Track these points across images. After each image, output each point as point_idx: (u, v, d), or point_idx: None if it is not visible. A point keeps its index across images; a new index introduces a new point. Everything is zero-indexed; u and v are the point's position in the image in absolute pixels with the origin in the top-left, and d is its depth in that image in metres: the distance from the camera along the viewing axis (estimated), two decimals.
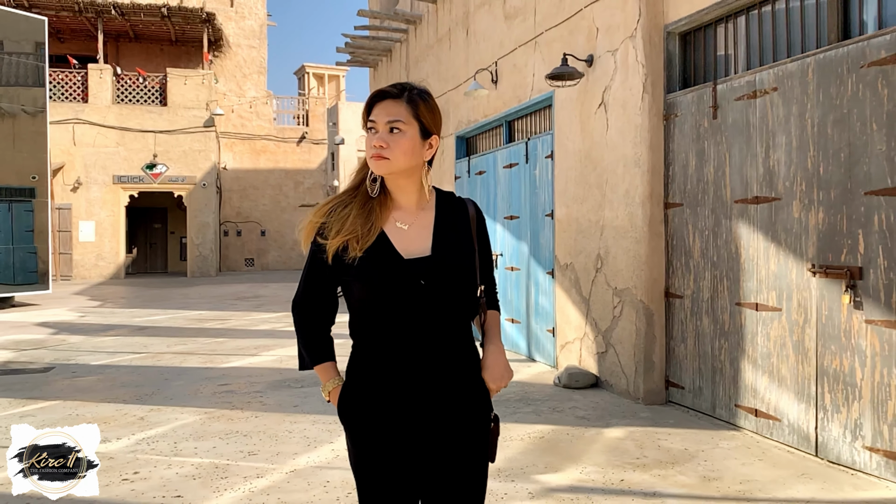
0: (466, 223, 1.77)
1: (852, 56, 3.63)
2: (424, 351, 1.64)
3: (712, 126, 4.63)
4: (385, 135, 1.64)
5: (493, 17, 7.78)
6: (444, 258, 1.67)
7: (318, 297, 1.76)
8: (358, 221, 1.65)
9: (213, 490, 3.59)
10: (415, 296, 1.62)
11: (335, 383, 1.74)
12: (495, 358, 1.77)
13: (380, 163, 1.64)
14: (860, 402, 3.61)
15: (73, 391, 5.98)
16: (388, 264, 1.63)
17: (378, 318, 1.65)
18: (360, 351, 1.69)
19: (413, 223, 1.71)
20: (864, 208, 3.57)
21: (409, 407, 1.64)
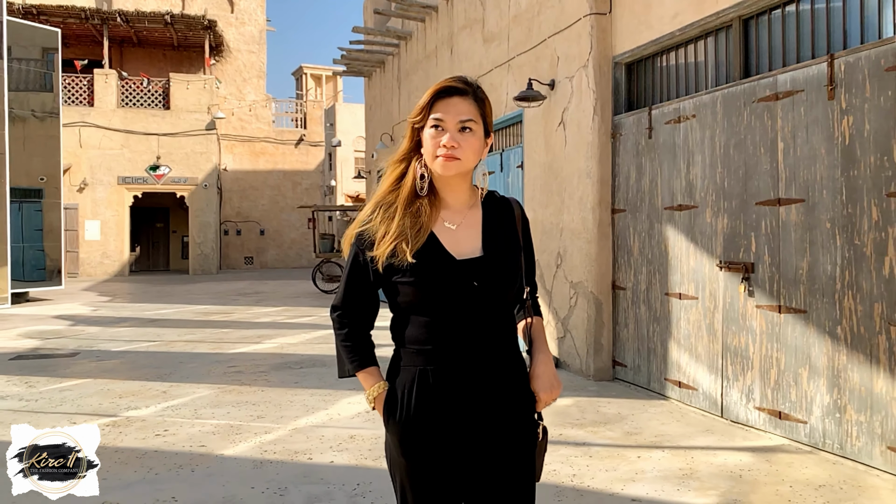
0: (513, 222, 1.72)
1: (747, 92, 4.50)
2: (475, 354, 1.59)
3: (648, 145, 5.50)
4: (456, 134, 1.58)
5: (474, 40, 8.64)
6: (496, 259, 1.62)
7: (360, 302, 1.70)
8: (406, 222, 1.59)
9: (231, 442, 4.45)
10: (467, 298, 1.58)
11: (380, 389, 1.66)
12: (546, 367, 1.69)
13: (451, 163, 1.58)
14: (752, 372, 4.48)
15: (100, 371, 6.83)
16: (440, 266, 1.58)
17: (428, 322, 1.59)
18: (406, 355, 1.63)
19: (461, 223, 1.65)
20: (755, 216, 4.44)
21: (458, 413, 1.59)
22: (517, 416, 1.64)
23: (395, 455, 1.63)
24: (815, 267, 4.03)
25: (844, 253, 3.85)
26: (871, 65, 3.67)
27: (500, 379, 1.62)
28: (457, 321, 1.58)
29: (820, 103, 3.99)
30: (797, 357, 4.15)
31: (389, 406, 1.63)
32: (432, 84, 7.39)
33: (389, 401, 1.64)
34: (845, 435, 3.88)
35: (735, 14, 4.69)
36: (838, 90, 3.87)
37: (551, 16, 6.63)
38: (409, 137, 1.66)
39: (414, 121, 1.63)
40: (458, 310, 1.58)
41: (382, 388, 1.67)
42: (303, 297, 14.79)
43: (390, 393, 1.65)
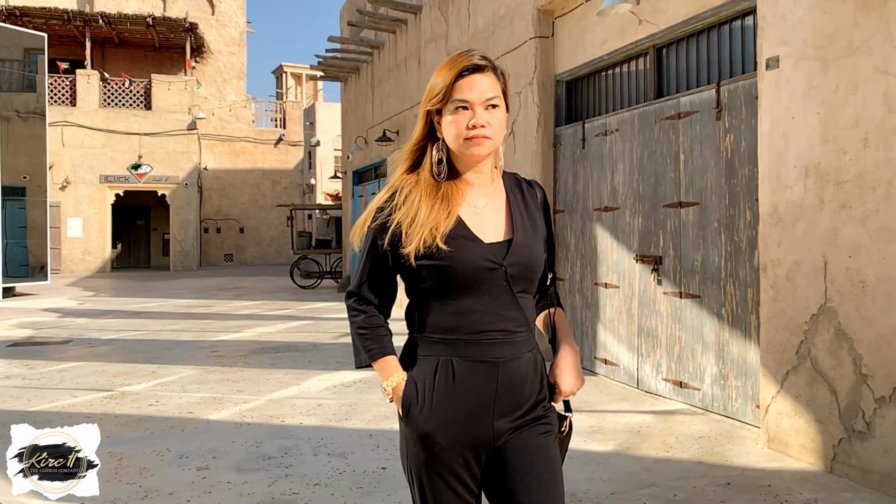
0: (537, 205, 1.67)
1: (658, 111, 5.30)
2: (500, 341, 1.52)
3: (582, 154, 6.28)
4: (484, 112, 1.51)
5: (439, 53, 9.39)
6: (525, 242, 1.56)
7: (378, 288, 1.63)
8: (435, 209, 1.52)
9: (215, 409, 5.17)
10: (495, 283, 1.51)
11: (399, 378, 1.57)
12: (571, 360, 1.65)
13: (485, 143, 1.52)
14: (660, 349, 5.28)
15: (93, 356, 7.50)
16: (470, 250, 1.50)
17: (451, 309, 1.52)
18: (425, 344, 1.56)
19: (485, 205, 1.59)
20: (662, 216, 5.24)
21: (482, 406, 1.52)
22: (543, 409, 1.59)
23: (414, 450, 1.54)
24: (706, 259, 4.84)
25: (727, 247, 4.66)
26: (745, 92, 4.48)
27: (527, 368, 1.55)
28: (483, 308, 1.51)
29: (710, 123, 4.79)
30: (694, 335, 4.96)
31: (408, 398, 1.55)
32: (403, 92, 8.47)
33: (408, 392, 1.55)
34: (727, 398, 4.69)
35: (650, 43, 5.48)
36: (723, 112, 4.68)
37: (503, 36, 7.40)
38: (423, 122, 1.59)
39: (432, 105, 1.54)
40: (485, 295, 1.51)
41: (402, 379, 1.57)
42: (281, 292, 15.46)
43: (409, 384, 1.56)
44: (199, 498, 3.45)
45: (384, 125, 11.82)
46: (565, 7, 6.55)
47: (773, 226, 4.01)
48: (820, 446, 3.75)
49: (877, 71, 3.41)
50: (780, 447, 4.00)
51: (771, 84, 4.03)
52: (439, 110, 1.55)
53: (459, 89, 1.51)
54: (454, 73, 1.51)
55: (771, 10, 4.03)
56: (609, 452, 4.11)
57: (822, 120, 3.70)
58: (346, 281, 15.33)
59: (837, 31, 3.61)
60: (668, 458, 3.98)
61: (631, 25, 5.61)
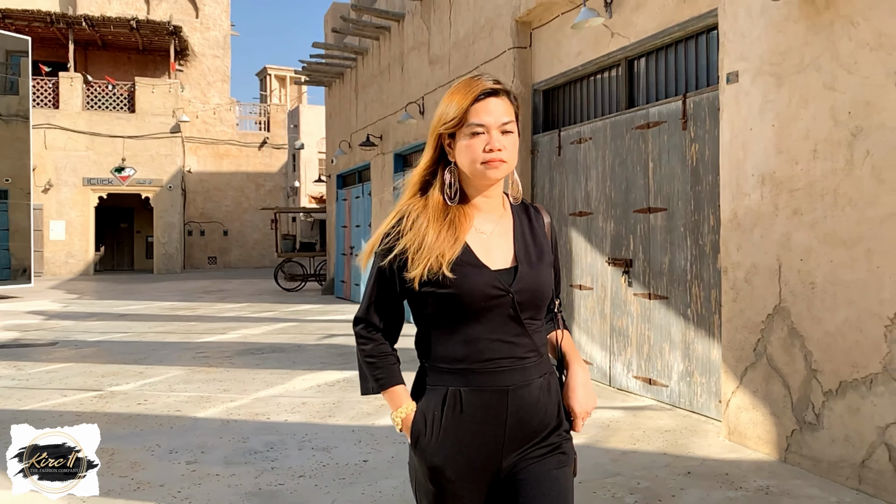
0: (543, 231, 1.65)
1: (629, 121, 5.55)
2: (510, 369, 1.51)
3: (558, 160, 6.52)
4: (501, 137, 1.50)
5: (421, 61, 9.61)
6: (531, 269, 1.55)
7: (385, 314, 1.62)
8: (442, 234, 1.50)
9: (202, 408, 5.34)
10: (504, 310, 1.50)
11: (408, 409, 1.57)
12: (581, 379, 1.63)
13: (501, 167, 1.51)
14: (630, 347, 5.52)
15: (80, 357, 7.62)
16: (476, 277, 1.49)
17: (459, 337, 1.51)
18: (434, 373, 1.54)
19: (493, 231, 1.57)
20: (633, 221, 5.48)
21: (491, 438, 1.51)
22: (554, 437, 1.55)
23: (423, 481, 1.54)
24: (673, 262, 5.08)
25: (693, 251, 4.91)
26: (709, 104, 4.73)
27: (536, 398, 1.53)
28: (490, 335, 1.49)
29: (677, 132, 5.04)
30: (662, 334, 5.20)
31: (417, 430, 1.54)
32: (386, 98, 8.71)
33: (417, 423, 1.54)
34: (693, 394, 4.93)
35: (622, 55, 5.73)
36: (689, 123, 4.93)
37: (483, 46, 7.63)
38: (432, 147, 1.57)
39: (446, 129, 1.52)
40: (492, 323, 1.49)
41: (410, 410, 1.57)
42: (265, 295, 15.59)
43: (418, 416, 1.55)
44: (189, 489, 3.63)
45: (368, 130, 12.02)
46: (542, 19, 6.79)
47: (733, 231, 4.26)
48: (775, 437, 4.00)
49: (825, 87, 3.67)
50: (739, 439, 4.25)
51: (731, 97, 4.29)
52: (452, 134, 1.53)
53: (475, 113, 1.50)
54: (470, 97, 1.50)
55: (731, 27, 4.29)
56: (579, 445, 4.33)
57: (777, 132, 3.96)
58: (329, 283, 15.48)
59: (790, 49, 3.87)
60: (634, 450, 4.21)
61: (604, 38, 5.85)
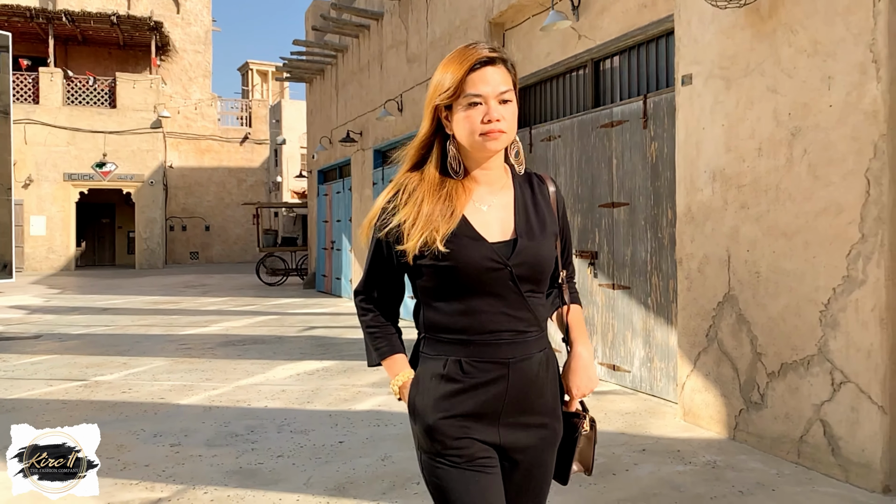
0: (548, 202, 1.61)
1: (594, 119, 5.81)
2: (510, 342, 1.49)
3: (530, 157, 6.77)
4: (498, 107, 1.46)
5: (399, 59, 9.82)
6: (530, 241, 1.51)
7: (384, 287, 1.62)
8: (437, 208, 1.48)
9: (185, 396, 5.54)
10: (500, 283, 1.47)
11: (406, 376, 1.59)
12: (584, 361, 1.63)
13: (501, 138, 1.46)
14: (596, 335, 5.80)
15: (64, 349, 7.78)
16: (472, 250, 1.46)
17: (457, 309, 1.49)
18: (432, 344, 1.54)
19: (493, 203, 1.54)
20: (598, 215, 5.75)
21: (489, 405, 1.50)
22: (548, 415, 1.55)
23: (424, 442, 1.53)
24: (635, 254, 5.35)
25: (652, 243, 5.18)
26: (668, 104, 5.00)
27: (537, 370, 1.52)
28: (490, 308, 1.47)
29: (638, 131, 5.31)
30: (624, 322, 5.48)
31: (413, 395, 1.54)
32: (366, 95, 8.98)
33: (413, 388, 1.55)
34: (653, 379, 5.21)
35: (588, 57, 5.98)
36: (649, 122, 5.20)
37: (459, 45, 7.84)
38: (430, 119, 1.53)
39: (441, 100, 1.48)
40: (492, 295, 1.47)
41: (408, 377, 1.58)
42: (247, 289, 15.74)
43: (416, 382, 1.55)
44: (173, 468, 3.84)
45: (348, 126, 12.21)
46: (514, 20, 7.03)
47: (688, 224, 4.54)
48: (724, 417, 4.28)
49: (768, 90, 3.94)
50: (693, 420, 4.53)
51: (686, 98, 4.55)
52: (448, 106, 1.49)
53: (472, 83, 1.45)
54: (466, 66, 1.45)
55: (686, 33, 4.55)
56: None
57: (726, 131, 4.23)
58: (311, 278, 15.66)
59: (738, 54, 4.14)
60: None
61: (571, 40, 6.11)
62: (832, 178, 3.55)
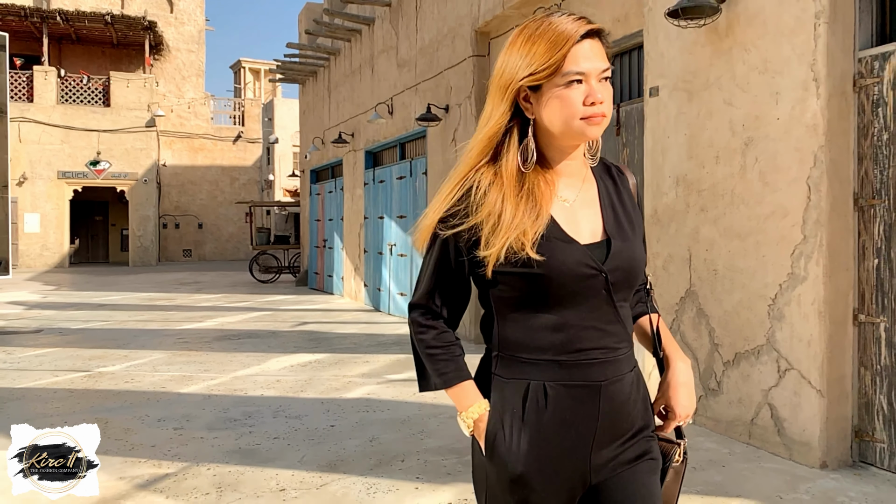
0: (631, 196, 1.44)
1: None
2: (602, 360, 1.30)
3: None
4: (598, 86, 1.26)
5: (390, 63, 10.16)
6: (623, 242, 1.34)
7: (450, 301, 1.39)
8: (521, 208, 1.27)
9: (185, 385, 5.87)
10: (595, 291, 1.29)
11: (482, 408, 1.35)
12: (686, 377, 1.43)
13: (603, 123, 1.28)
14: None
15: (66, 343, 8.08)
16: (565, 255, 1.27)
17: (542, 323, 1.29)
18: (509, 364, 1.33)
19: (576, 199, 1.35)
20: None
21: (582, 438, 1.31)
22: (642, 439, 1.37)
23: (501, 494, 1.34)
24: None
25: None
26: (638, 113, 5.36)
27: (628, 395, 1.34)
28: (580, 321, 1.29)
29: (612, 138, 5.67)
30: None
31: (493, 432, 1.33)
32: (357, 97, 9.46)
33: (493, 425, 1.33)
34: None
35: None
36: (622, 129, 5.56)
37: (446, 53, 8.21)
38: (507, 103, 1.30)
39: (535, 79, 1.26)
40: (582, 307, 1.29)
41: (484, 410, 1.35)
42: (240, 286, 16.05)
43: (493, 416, 1.34)
44: (177, 448, 4.18)
45: (340, 128, 12.53)
46: (499, 30, 7.39)
47: (654, 225, 4.90)
48: None
49: (725, 103, 4.30)
50: None
51: (653, 109, 4.92)
52: (535, 87, 1.28)
53: (573, 59, 1.24)
54: (569, 40, 1.24)
55: (653, 48, 4.91)
56: None
57: (688, 140, 4.59)
58: (303, 275, 15.97)
59: (699, 70, 4.50)
60: None
61: None
62: (779, 185, 3.92)
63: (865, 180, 3.69)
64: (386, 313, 10.50)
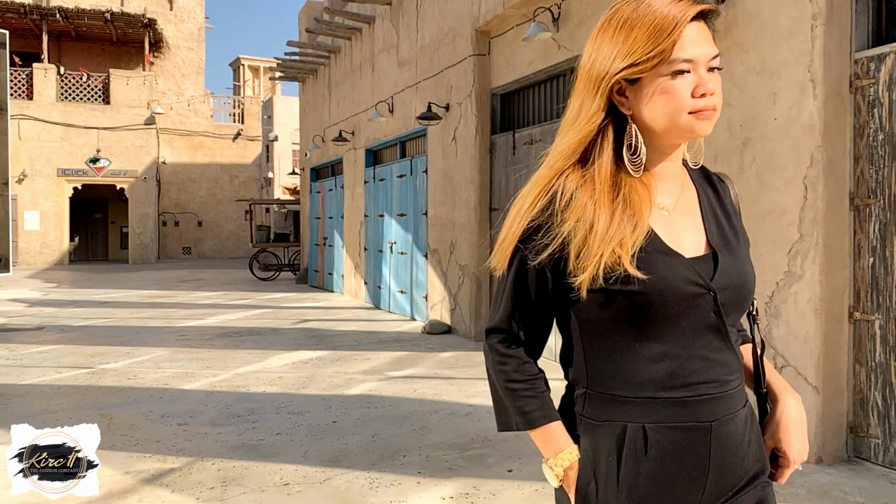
0: (734, 207, 1.27)
1: None
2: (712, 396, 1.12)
3: (513, 159, 7.18)
4: (707, 76, 1.09)
5: (390, 62, 10.20)
6: (732, 257, 1.16)
7: (531, 325, 1.20)
8: (617, 217, 1.10)
9: (188, 382, 5.92)
10: (703, 314, 1.11)
11: (574, 455, 1.16)
12: (800, 417, 1.23)
13: (713, 118, 1.11)
14: None
15: (68, 340, 8.13)
16: (669, 271, 1.10)
17: (640, 353, 1.11)
18: (600, 403, 1.14)
19: (675, 207, 1.18)
20: None
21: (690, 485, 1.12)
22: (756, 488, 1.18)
23: None
24: None
25: None
26: None
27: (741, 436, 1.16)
28: (681, 351, 1.11)
29: None
30: None
31: (586, 484, 1.15)
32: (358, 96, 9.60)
33: (585, 475, 1.16)
34: None
35: (567, 66, 6.39)
36: None
37: (447, 52, 8.25)
38: (600, 96, 1.13)
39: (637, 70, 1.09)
40: (687, 332, 1.11)
41: (574, 457, 1.17)
42: (240, 284, 16.09)
43: (584, 464, 1.16)
44: (181, 444, 4.23)
45: (340, 126, 12.57)
46: (500, 29, 7.43)
47: None
48: None
49: (723, 103, 4.35)
50: None
51: None
52: (634, 79, 1.11)
53: (680, 45, 1.08)
54: (676, 25, 1.07)
55: None
56: None
57: None
58: (303, 273, 16.01)
59: None
60: None
61: (552, 49, 6.51)
62: (776, 184, 3.97)
63: (861, 180, 3.75)
64: (386, 311, 10.55)
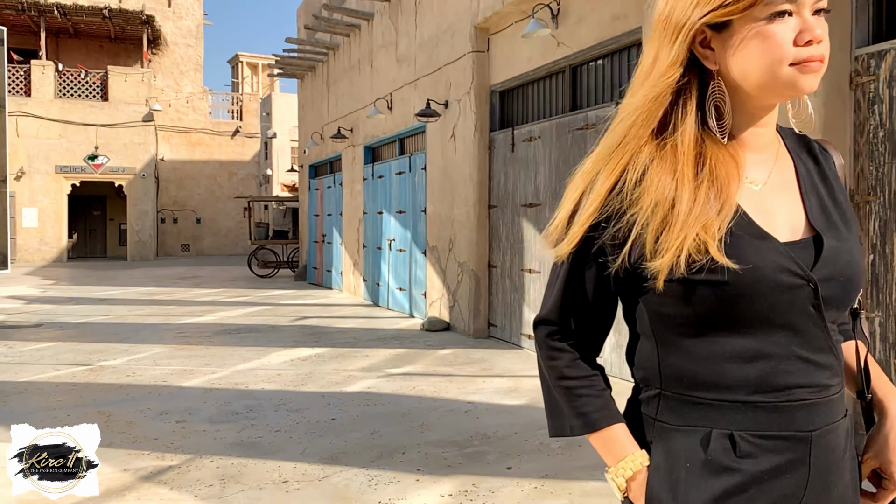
0: (839, 181, 1.06)
1: (571, 122, 6.20)
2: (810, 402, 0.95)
3: (512, 156, 7.17)
4: (816, 21, 0.92)
5: (389, 59, 10.18)
6: (837, 242, 0.97)
7: (588, 318, 1.06)
8: (701, 196, 0.93)
9: (186, 379, 5.91)
10: (800, 308, 0.93)
11: (639, 462, 1.01)
12: None
13: (821, 70, 0.93)
14: None
15: (67, 337, 8.12)
16: (760, 257, 0.92)
17: (730, 350, 0.94)
18: (676, 407, 0.98)
19: (767, 182, 0.99)
20: None
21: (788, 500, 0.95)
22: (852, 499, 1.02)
23: None
24: None
25: None
26: None
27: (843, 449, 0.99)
28: (775, 350, 0.94)
29: None
30: None
31: (656, 497, 0.99)
32: (357, 92, 9.60)
33: (655, 489, 0.99)
34: (622, 363, 5.63)
35: (566, 63, 6.38)
36: None
37: (445, 49, 8.23)
38: (679, 47, 0.94)
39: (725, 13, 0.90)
40: (779, 330, 0.94)
41: (642, 464, 1.01)
42: (239, 281, 16.08)
43: (654, 475, 0.99)
44: (180, 441, 4.22)
45: (339, 123, 12.55)
46: (499, 26, 7.41)
47: None
48: None
49: None
50: None
51: None
52: (718, 25, 0.93)
53: None
54: None
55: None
56: (520, 405, 5.01)
57: None
58: (302, 270, 16.00)
59: None
60: None
61: (551, 47, 6.49)
62: None
63: (861, 177, 3.74)
64: (385, 308, 10.54)
